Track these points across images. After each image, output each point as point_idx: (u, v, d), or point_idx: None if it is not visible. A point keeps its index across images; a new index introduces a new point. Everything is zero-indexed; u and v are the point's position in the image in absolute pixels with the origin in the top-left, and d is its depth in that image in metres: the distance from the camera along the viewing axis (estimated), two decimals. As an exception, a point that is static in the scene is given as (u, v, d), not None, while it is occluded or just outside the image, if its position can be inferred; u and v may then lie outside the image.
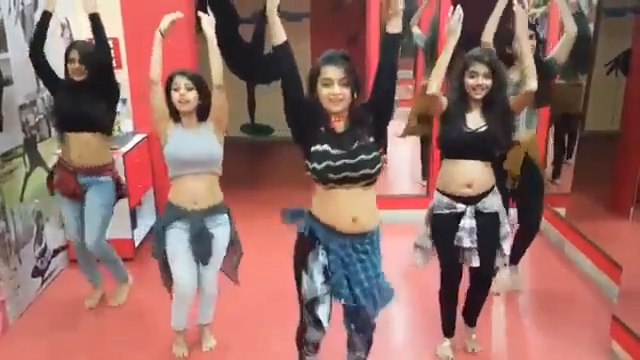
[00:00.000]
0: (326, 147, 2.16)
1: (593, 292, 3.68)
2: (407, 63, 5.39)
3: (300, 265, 2.29)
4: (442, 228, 2.85)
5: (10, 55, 3.34)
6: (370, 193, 2.26)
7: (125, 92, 4.27)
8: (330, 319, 2.33)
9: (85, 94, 3.22)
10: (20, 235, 3.44)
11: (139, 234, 4.32)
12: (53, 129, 3.82)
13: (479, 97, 2.71)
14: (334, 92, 2.12)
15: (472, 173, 2.74)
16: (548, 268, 4.06)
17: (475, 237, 2.75)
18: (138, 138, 4.32)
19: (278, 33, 2.15)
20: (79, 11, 4.09)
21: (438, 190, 2.87)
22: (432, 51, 4.54)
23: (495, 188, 2.85)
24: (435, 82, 2.71)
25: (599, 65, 3.97)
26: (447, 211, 2.81)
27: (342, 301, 2.27)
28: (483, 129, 2.73)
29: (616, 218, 3.66)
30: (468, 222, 2.75)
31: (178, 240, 2.81)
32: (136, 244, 4.19)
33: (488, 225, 2.80)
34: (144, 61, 3.55)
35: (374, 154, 2.19)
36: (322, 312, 2.27)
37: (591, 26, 4.01)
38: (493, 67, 2.67)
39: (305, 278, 2.27)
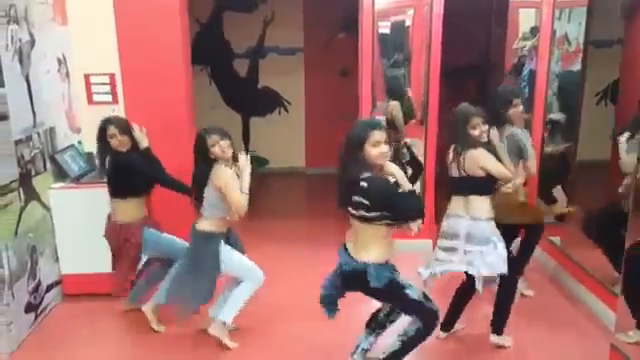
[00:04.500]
0: None
1: (591, 320, 3.67)
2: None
3: (400, 289, 2.76)
4: None
5: (7, 91, 3.36)
6: None
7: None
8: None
9: (144, 160, 3.49)
10: (14, 270, 3.41)
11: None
12: (49, 165, 3.85)
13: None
14: (383, 151, 2.58)
15: None
16: (545, 296, 4.05)
17: None
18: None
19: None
20: (75, 46, 4.17)
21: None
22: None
23: None
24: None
25: (589, 95, 4.04)
26: None
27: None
28: None
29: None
30: None
31: (229, 250, 3.35)
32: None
33: None
34: (140, 96, 3.60)
35: None
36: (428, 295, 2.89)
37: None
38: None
39: (409, 290, 2.77)
